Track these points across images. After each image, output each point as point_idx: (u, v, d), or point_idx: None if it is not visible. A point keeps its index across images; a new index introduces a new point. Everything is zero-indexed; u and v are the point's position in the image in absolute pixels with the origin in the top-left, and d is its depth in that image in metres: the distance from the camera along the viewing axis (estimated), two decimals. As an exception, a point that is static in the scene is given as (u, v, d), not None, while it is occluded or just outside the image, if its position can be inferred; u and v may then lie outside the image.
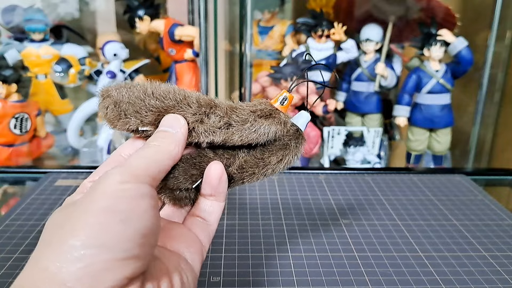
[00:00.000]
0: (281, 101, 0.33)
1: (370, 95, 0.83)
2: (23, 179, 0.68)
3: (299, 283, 0.39)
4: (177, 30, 0.76)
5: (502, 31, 0.77)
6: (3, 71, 0.72)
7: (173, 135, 0.29)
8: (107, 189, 0.25)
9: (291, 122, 0.33)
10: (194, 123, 0.31)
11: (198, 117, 0.31)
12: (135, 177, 0.26)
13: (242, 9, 0.69)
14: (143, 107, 0.31)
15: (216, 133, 0.31)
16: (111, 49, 0.75)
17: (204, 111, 0.31)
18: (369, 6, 0.82)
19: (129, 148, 0.32)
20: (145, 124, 0.31)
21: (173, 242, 0.30)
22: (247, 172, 0.32)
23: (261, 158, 0.32)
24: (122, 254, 0.23)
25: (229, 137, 0.32)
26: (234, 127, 0.32)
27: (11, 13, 0.82)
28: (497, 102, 0.81)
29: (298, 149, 0.33)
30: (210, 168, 0.31)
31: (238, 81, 0.75)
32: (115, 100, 0.31)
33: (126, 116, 0.31)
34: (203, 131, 0.31)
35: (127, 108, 0.31)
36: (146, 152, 0.28)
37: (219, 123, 0.31)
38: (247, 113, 0.32)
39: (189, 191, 0.32)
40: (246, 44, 0.70)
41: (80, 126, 0.81)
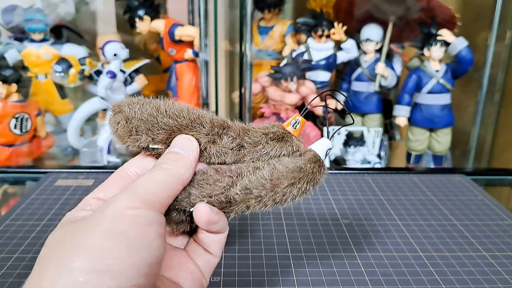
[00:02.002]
0: (294, 125, 0.32)
1: (370, 95, 0.83)
2: (23, 179, 0.68)
3: (299, 283, 0.39)
4: (177, 30, 0.76)
5: (502, 31, 0.77)
6: (3, 71, 0.72)
7: (184, 158, 0.28)
8: (115, 213, 0.24)
9: (310, 149, 0.31)
10: (206, 144, 0.30)
11: (211, 137, 0.31)
12: (145, 202, 0.25)
13: (242, 9, 0.69)
14: (155, 125, 0.30)
15: (227, 154, 0.31)
16: (111, 49, 0.75)
17: (217, 131, 0.31)
18: (369, 6, 0.82)
19: (136, 166, 0.31)
20: (156, 142, 0.30)
21: (173, 271, 0.29)
22: (252, 194, 0.29)
23: (270, 179, 0.29)
24: (126, 282, 0.22)
25: (240, 159, 0.31)
26: (246, 148, 0.31)
27: (11, 13, 0.82)
28: (497, 102, 0.81)
29: (314, 175, 0.30)
30: (197, 210, 0.28)
31: (238, 81, 0.75)
32: (126, 116, 0.30)
33: (137, 133, 0.30)
34: (215, 152, 0.31)
35: (139, 125, 0.30)
36: (157, 175, 0.27)
37: (231, 144, 0.31)
38: (260, 135, 0.31)
39: (186, 213, 0.30)
40: (246, 44, 0.70)
41: (80, 126, 0.81)
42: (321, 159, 0.30)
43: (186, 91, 0.80)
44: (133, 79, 0.83)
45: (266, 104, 0.82)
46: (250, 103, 0.74)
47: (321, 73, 0.83)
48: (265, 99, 0.83)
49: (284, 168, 0.29)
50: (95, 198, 0.29)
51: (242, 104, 0.74)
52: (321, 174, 0.30)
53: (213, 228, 0.29)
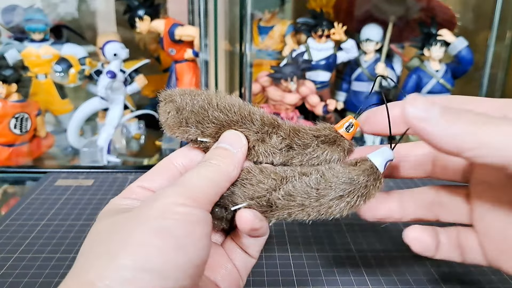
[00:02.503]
0: (347, 128, 0.30)
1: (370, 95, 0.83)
2: (23, 179, 0.68)
3: (299, 282, 0.39)
4: (177, 30, 0.76)
5: (502, 31, 0.77)
6: (3, 71, 0.72)
7: (233, 155, 0.28)
8: (164, 209, 0.23)
9: (367, 158, 0.28)
10: (255, 142, 0.30)
11: (260, 136, 0.30)
12: (194, 200, 0.24)
13: (242, 9, 0.69)
14: (206, 118, 0.30)
15: (276, 154, 0.30)
16: (111, 49, 0.74)
17: (267, 130, 0.30)
18: (369, 6, 0.82)
19: (183, 157, 0.30)
20: (205, 135, 0.30)
21: (212, 270, 0.28)
22: (295, 201, 0.27)
23: (316, 188, 0.27)
24: (173, 283, 0.22)
25: (288, 160, 0.30)
26: (295, 150, 0.30)
27: (11, 13, 0.82)
28: (497, 102, 0.81)
29: (368, 190, 0.27)
30: (241, 216, 0.27)
31: (238, 81, 0.75)
32: (177, 106, 0.30)
33: (187, 124, 0.30)
34: (263, 151, 0.30)
35: (189, 116, 0.30)
36: (206, 171, 0.27)
37: (280, 144, 0.30)
38: (310, 137, 0.30)
39: (227, 211, 0.29)
40: (246, 44, 0.70)
41: (80, 126, 0.81)
42: (378, 171, 0.27)
43: (186, 91, 0.80)
44: (133, 79, 0.83)
45: (266, 104, 0.82)
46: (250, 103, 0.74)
47: (321, 73, 0.83)
48: (265, 99, 0.83)
49: (334, 178, 0.27)
50: (140, 186, 0.29)
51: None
52: (375, 189, 0.27)
53: (255, 233, 0.28)
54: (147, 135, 0.94)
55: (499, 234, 0.26)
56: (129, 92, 0.84)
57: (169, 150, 0.84)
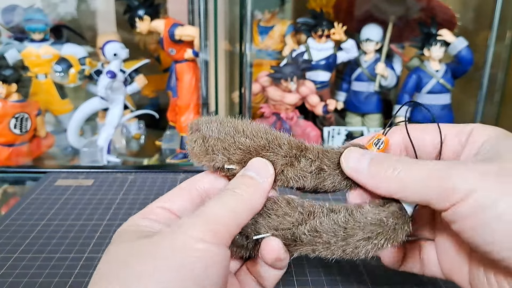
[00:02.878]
0: (377, 145, 0.30)
1: (370, 95, 0.83)
2: (23, 178, 0.68)
3: (299, 282, 0.39)
4: (177, 30, 0.76)
5: (502, 31, 0.77)
6: (3, 71, 0.72)
7: (259, 185, 0.27)
8: (185, 245, 0.23)
9: (395, 199, 0.27)
10: (283, 166, 0.29)
11: (288, 160, 0.29)
12: (214, 234, 0.24)
13: (242, 9, 0.69)
14: (232, 144, 0.29)
15: (306, 178, 0.30)
16: (111, 49, 0.75)
17: (295, 153, 0.29)
18: (369, 6, 0.82)
19: (208, 183, 0.30)
20: (232, 162, 0.29)
21: None
22: (321, 238, 0.27)
23: (344, 227, 0.27)
24: None
25: (320, 183, 0.30)
26: (325, 172, 0.30)
27: (11, 13, 0.82)
28: (497, 102, 0.81)
29: (396, 233, 0.26)
30: (267, 244, 0.27)
31: (238, 81, 0.75)
32: (204, 134, 0.30)
33: (213, 152, 0.29)
34: (293, 175, 0.29)
35: (216, 144, 0.29)
36: (229, 201, 0.26)
37: (310, 167, 0.29)
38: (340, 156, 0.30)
39: (248, 239, 0.28)
40: (246, 44, 0.70)
41: (80, 126, 0.81)
42: (407, 214, 0.27)
43: (186, 91, 0.80)
44: (133, 79, 0.83)
45: (266, 104, 0.82)
46: (250, 103, 0.74)
47: (321, 73, 0.83)
48: (265, 99, 0.83)
49: (363, 218, 0.27)
50: (161, 207, 0.28)
51: (242, 104, 0.75)
52: (403, 232, 0.27)
53: (278, 264, 0.27)
54: (147, 135, 0.94)
55: (453, 250, 0.29)
56: (129, 92, 0.84)
57: (169, 150, 0.85)
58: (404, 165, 0.26)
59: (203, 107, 0.75)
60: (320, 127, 0.82)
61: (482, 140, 0.28)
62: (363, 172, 0.28)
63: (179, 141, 0.82)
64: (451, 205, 0.25)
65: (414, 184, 0.26)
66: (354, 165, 0.28)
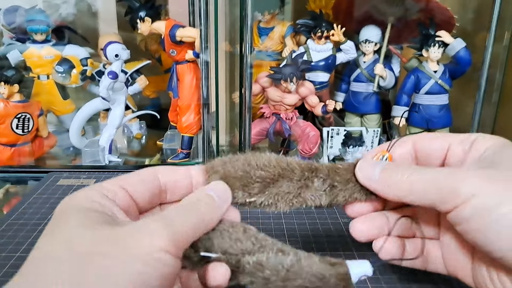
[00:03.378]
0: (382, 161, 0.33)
1: (369, 96, 0.84)
2: (25, 178, 0.69)
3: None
4: (178, 32, 0.76)
5: (501, 32, 0.77)
6: (6, 72, 0.73)
7: (218, 207, 0.29)
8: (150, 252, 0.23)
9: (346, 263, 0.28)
10: (300, 189, 0.32)
11: (303, 182, 0.32)
12: (176, 247, 0.24)
13: (242, 10, 0.70)
14: (250, 180, 0.31)
15: (322, 196, 0.32)
16: (112, 50, 0.75)
17: (308, 175, 0.32)
18: (368, 7, 0.83)
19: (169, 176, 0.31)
20: (252, 195, 0.31)
21: None
22: (263, 273, 0.27)
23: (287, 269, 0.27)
24: None
25: (333, 199, 0.32)
26: (337, 187, 0.32)
27: (13, 14, 0.83)
28: (495, 102, 0.81)
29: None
30: (216, 270, 0.27)
31: (238, 81, 0.76)
32: (221, 175, 0.31)
33: (233, 190, 0.31)
34: (310, 196, 0.32)
35: (234, 182, 0.31)
36: (192, 217, 0.26)
37: (323, 185, 0.32)
38: (350, 172, 0.32)
39: (197, 253, 0.28)
40: (246, 45, 0.71)
41: (82, 126, 0.81)
42: (350, 280, 0.27)
43: (187, 92, 0.80)
44: (134, 80, 0.84)
45: (266, 104, 0.83)
46: (250, 103, 0.75)
47: (320, 74, 0.84)
48: (265, 99, 0.83)
49: (308, 267, 0.27)
50: (122, 188, 0.28)
51: (242, 104, 0.75)
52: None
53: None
54: (148, 135, 0.95)
55: (457, 249, 0.32)
56: (130, 93, 0.84)
57: (170, 150, 0.85)
58: (412, 171, 0.29)
59: (204, 108, 0.76)
60: (320, 127, 0.83)
61: (484, 148, 0.30)
62: (375, 179, 0.31)
63: (180, 141, 0.82)
64: (455, 207, 0.27)
65: (421, 188, 0.28)
66: (367, 173, 0.31)
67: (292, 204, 0.32)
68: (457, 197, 0.27)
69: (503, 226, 0.25)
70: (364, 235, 0.33)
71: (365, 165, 0.32)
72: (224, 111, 0.93)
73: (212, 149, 0.78)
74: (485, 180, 0.27)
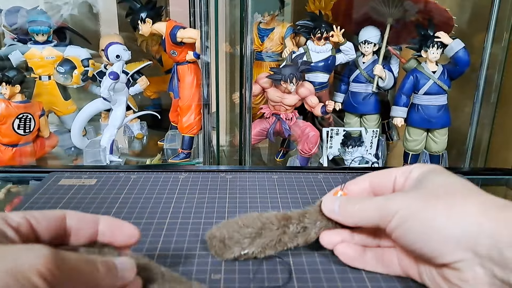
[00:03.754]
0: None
1: (368, 96, 0.84)
2: (27, 178, 0.69)
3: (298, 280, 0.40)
4: (179, 33, 0.77)
5: (499, 33, 0.77)
6: (7, 72, 0.73)
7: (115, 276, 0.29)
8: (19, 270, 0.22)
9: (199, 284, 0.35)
10: (280, 236, 0.40)
11: (281, 230, 0.40)
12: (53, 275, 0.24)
13: (242, 11, 0.70)
14: (241, 237, 0.40)
15: (297, 237, 0.40)
16: (113, 51, 0.76)
17: (284, 223, 0.40)
18: (367, 8, 0.83)
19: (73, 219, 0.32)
20: (245, 248, 0.40)
21: None
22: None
23: None
24: None
25: (307, 237, 0.41)
26: (308, 228, 0.40)
27: (15, 15, 0.83)
28: (493, 102, 0.82)
29: None
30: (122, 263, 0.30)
31: (238, 82, 0.76)
32: (219, 238, 0.41)
33: (230, 247, 0.40)
34: (288, 239, 0.40)
35: (229, 242, 0.40)
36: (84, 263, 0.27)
37: (296, 229, 0.40)
38: (315, 214, 0.41)
39: None
40: (246, 46, 0.71)
41: (83, 127, 0.82)
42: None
43: (187, 92, 0.81)
44: (135, 80, 0.84)
45: (266, 105, 0.83)
46: (250, 103, 0.75)
47: (320, 75, 0.84)
48: (265, 100, 0.84)
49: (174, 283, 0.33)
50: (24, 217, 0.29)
51: (243, 104, 0.75)
52: None
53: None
54: (149, 135, 0.95)
55: (405, 253, 0.39)
56: (131, 93, 0.85)
57: (171, 150, 0.86)
58: (359, 203, 0.39)
59: (204, 108, 0.76)
60: (319, 128, 0.83)
61: (417, 175, 0.39)
62: (336, 212, 0.40)
63: (181, 141, 0.83)
64: (388, 223, 0.36)
65: (366, 214, 0.38)
66: (329, 208, 0.40)
67: (276, 248, 0.40)
68: (388, 215, 0.36)
69: (416, 231, 0.35)
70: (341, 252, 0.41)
71: (327, 201, 0.41)
72: (225, 111, 0.94)
73: (212, 149, 0.79)
74: (406, 199, 0.36)
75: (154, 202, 0.55)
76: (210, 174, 0.64)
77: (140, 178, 0.62)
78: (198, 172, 0.65)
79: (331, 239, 0.41)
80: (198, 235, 0.47)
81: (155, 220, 0.50)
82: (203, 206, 0.54)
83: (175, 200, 0.55)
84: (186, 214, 0.52)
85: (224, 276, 0.40)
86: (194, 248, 0.44)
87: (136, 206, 0.54)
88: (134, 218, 0.51)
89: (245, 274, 0.40)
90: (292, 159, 0.86)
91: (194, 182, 0.61)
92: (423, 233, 0.34)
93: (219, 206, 0.54)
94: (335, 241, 0.41)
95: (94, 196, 0.57)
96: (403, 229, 0.35)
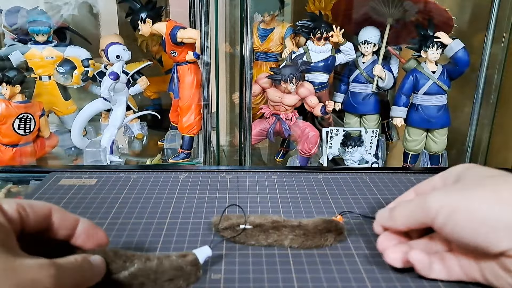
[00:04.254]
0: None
1: (368, 96, 0.85)
2: (27, 178, 0.69)
3: (298, 280, 0.40)
4: (179, 33, 0.77)
5: (499, 33, 0.78)
6: (7, 72, 0.73)
7: (93, 270, 0.33)
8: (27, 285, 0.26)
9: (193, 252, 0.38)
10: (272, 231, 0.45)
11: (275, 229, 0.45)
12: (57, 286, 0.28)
13: (242, 12, 0.70)
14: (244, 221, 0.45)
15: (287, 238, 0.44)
16: (114, 51, 0.76)
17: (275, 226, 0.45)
18: (367, 8, 0.83)
19: (58, 218, 0.34)
20: (242, 224, 0.44)
21: None
22: (137, 280, 0.35)
23: (154, 271, 0.35)
24: None
25: (303, 241, 0.45)
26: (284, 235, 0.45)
27: (15, 15, 0.83)
28: (493, 103, 0.82)
29: (190, 276, 0.37)
30: None
31: (238, 82, 0.76)
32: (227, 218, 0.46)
33: (230, 219, 0.46)
34: (277, 237, 0.45)
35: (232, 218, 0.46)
36: (72, 274, 0.31)
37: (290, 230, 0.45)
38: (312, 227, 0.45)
39: None
40: (246, 46, 0.71)
41: (83, 127, 0.82)
42: (199, 263, 0.38)
43: (187, 92, 0.81)
44: (135, 81, 0.84)
45: (265, 105, 0.83)
46: (250, 104, 0.75)
47: (320, 75, 0.84)
48: (265, 100, 0.84)
49: (169, 264, 0.36)
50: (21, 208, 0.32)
51: (242, 104, 0.76)
52: (196, 276, 0.38)
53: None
54: (149, 135, 0.95)
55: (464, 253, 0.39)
56: (131, 93, 0.85)
57: (171, 150, 0.86)
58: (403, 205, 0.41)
59: (204, 108, 0.76)
60: (319, 128, 0.84)
61: (454, 174, 0.41)
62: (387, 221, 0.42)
63: (181, 141, 0.83)
64: (432, 220, 0.37)
65: (410, 212, 0.40)
66: (381, 220, 0.43)
67: (269, 234, 0.45)
68: (431, 212, 0.37)
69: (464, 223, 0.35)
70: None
71: (380, 214, 0.44)
72: (225, 111, 0.94)
73: (212, 149, 0.79)
74: (447, 194, 0.37)
75: (154, 202, 0.55)
76: (210, 174, 0.64)
77: (140, 178, 0.62)
78: (198, 172, 0.65)
79: (395, 255, 0.41)
80: (198, 235, 0.47)
81: (155, 220, 0.50)
82: (203, 206, 0.54)
83: (175, 200, 0.55)
84: (186, 214, 0.52)
85: (224, 276, 0.40)
86: (194, 248, 0.44)
87: (136, 206, 0.54)
88: (134, 218, 0.51)
89: (245, 274, 0.40)
90: (292, 159, 0.86)
91: (194, 182, 0.61)
92: (472, 223, 0.35)
93: (219, 206, 0.54)
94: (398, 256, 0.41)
95: (94, 196, 0.57)
96: (451, 224, 0.36)
